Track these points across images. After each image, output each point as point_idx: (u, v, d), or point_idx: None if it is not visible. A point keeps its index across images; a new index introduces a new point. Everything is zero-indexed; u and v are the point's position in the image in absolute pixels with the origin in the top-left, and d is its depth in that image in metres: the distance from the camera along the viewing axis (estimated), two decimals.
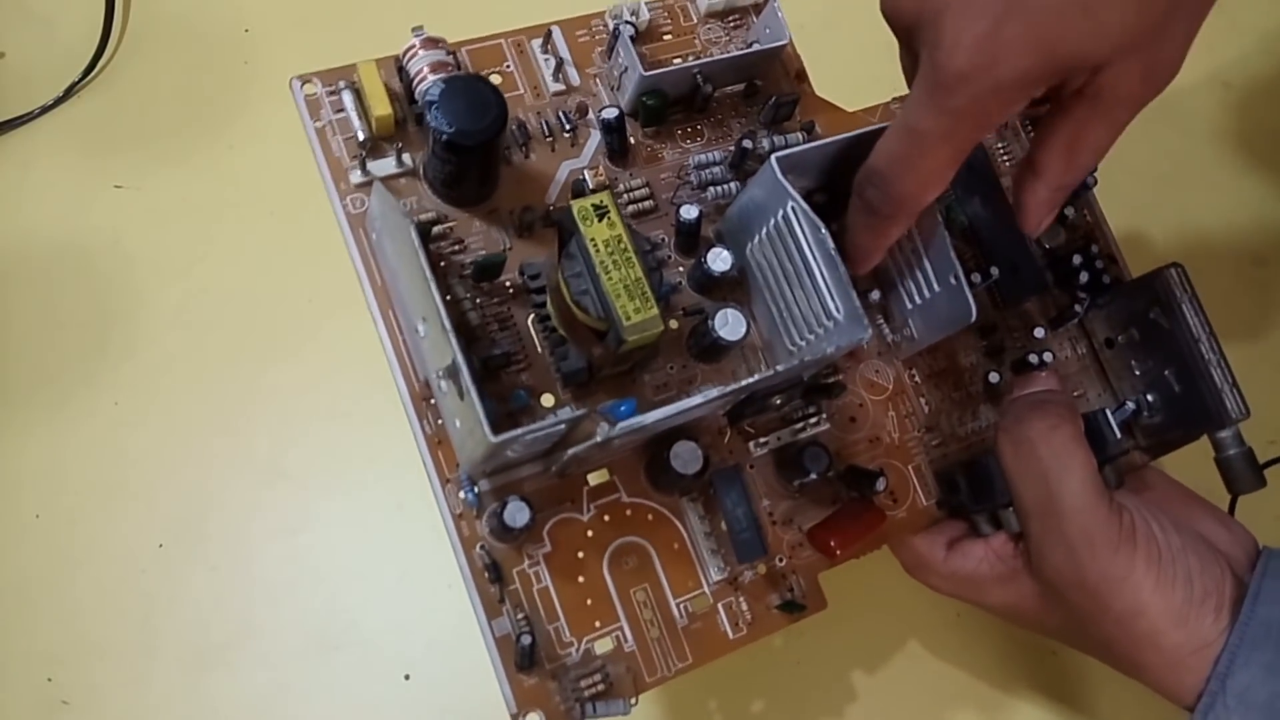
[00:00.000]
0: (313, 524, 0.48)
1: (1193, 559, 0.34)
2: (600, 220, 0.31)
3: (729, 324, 0.34)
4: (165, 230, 0.52)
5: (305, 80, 0.35)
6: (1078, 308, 0.40)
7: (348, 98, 0.35)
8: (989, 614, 0.39)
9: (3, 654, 0.44)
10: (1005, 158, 0.43)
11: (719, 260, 0.35)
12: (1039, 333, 0.40)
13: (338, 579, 0.47)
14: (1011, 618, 0.38)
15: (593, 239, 0.31)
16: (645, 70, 0.36)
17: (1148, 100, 0.31)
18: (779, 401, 0.34)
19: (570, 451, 0.30)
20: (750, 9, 0.40)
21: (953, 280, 0.34)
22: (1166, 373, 0.38)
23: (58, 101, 0.53)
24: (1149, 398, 0.39)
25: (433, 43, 0.34)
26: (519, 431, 0.28)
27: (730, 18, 0.40)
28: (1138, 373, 0.40)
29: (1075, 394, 0.41)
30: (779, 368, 0.31)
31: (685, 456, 0.33)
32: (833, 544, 0.35)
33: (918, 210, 0.33)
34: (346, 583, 0.47)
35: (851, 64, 0.44)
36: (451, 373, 0.29)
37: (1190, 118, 0.59)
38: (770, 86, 0.40)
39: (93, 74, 0.54)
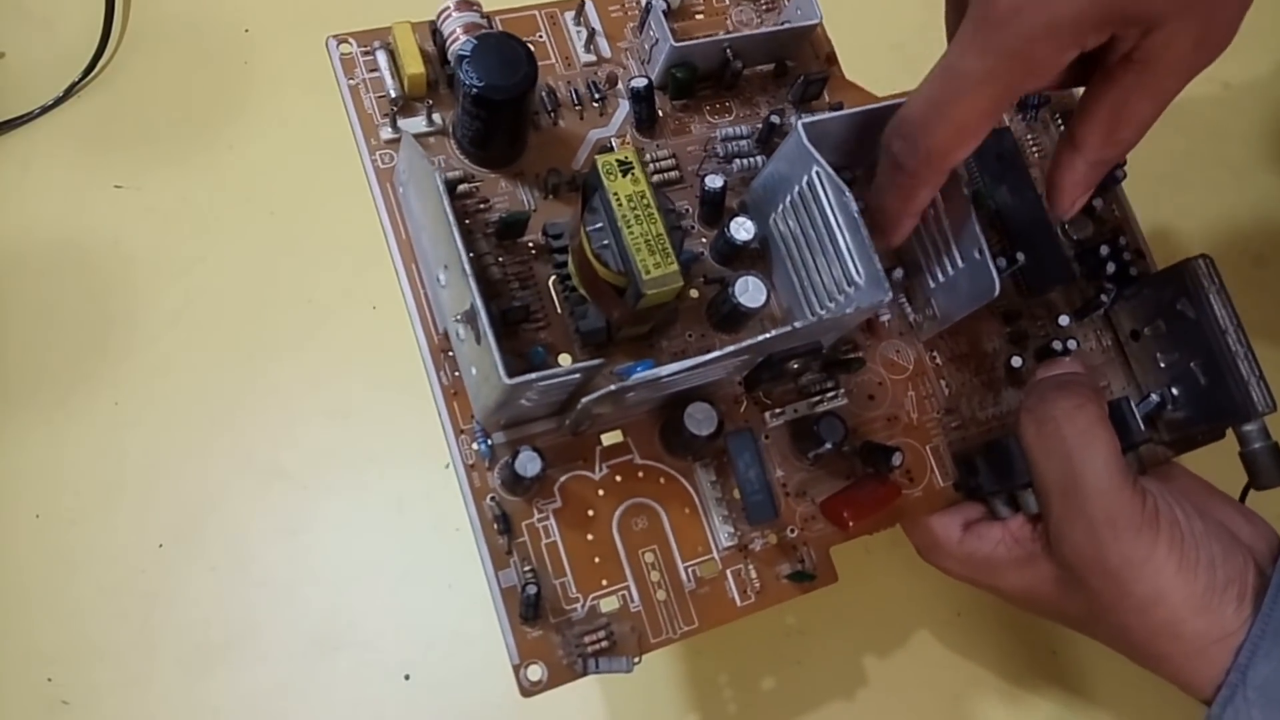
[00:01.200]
0: (313, 524, 0.48)
1: (1216, 545, 0.33)
2: (624, 175, 0.31)
3: (749, 291, 0.34)
4: (165, 230, 0.52)
5: (341, 40, 0.36)
6: (1104, 298, 0.40)
7: (382, 57, 0.36)
8: (1002, 600, 0.38)
9: (3, 654, 0.44)
10: (1035, 150, 0.42)
11: (742, 230, 0.35)
12: (1064, 320, 0.40)
13: (338, 579, 0.47)
14: (1026, 604, 0.37)
15: (616, 193, 0.31)
16: (675, 41, 0.36)
17: (1199, 69, 0.30)
18: (796, 366, 0.34)
19: (585, 400, 0.30)
20: None
21: (977, 254, 0.34)
22: (1192, 364, 0.38)
23: (58, 101, 0.53)
24: (1174, 391, 0.39)
25: (467, 5, 0.35)
26: (533, 376, 0.28)
27: (763, 0, 0.41)
28: (1163, 365, 0.39)
29: (1099, 385, 0.40)
30: (796, 324, 0.30)
31: (700, 417, 0.33)
32: (846, 515, 0.34)
33: (948, 167, 0.31)
34: (346, 583, 0.47)
35: (860, 64, 0.43)
36: (470, 317, 0.29)
37: (1190, 117, 0.59)
38: (800, 67, 0.40)
39: (93, 74, 0.54)
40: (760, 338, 0.30)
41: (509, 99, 0.32)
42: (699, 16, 0.40)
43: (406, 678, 0.45)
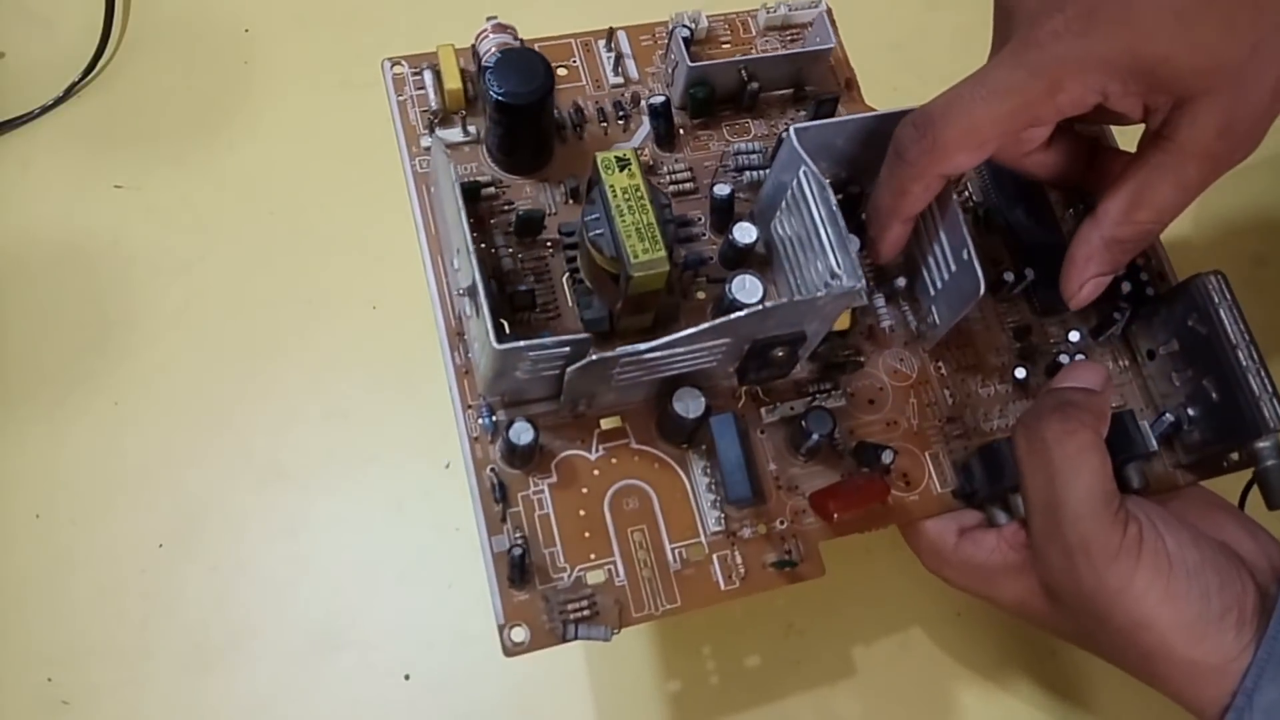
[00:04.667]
0: (312, 524, 0.48)
1: (1210, 575, 0.33)
2: (621, 170, 0.33)
3: (746, 288, 0.35)
4: (165, 230, 0.52)
5: (395, 62, 0.39)
6: (1117, 316, 0.39)
7: (428, 76, 0.39)
8: (1001, 612, 0.38)
9: (3, 654, 0.44)
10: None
11: (743, 233, 0.36)
12: (1074, 335, 0.40)
13: (338, 579, 0.47)
14: (1023, 615, 0.37)
15: (612, 186, 0.33)
16: (691, 62, 0.38)
17: (1222, 161, 0.32)
18: (781, 354, 0.34)
19: (570, 370, 0.32)
20: (810, 24, 0.42)
21: (965, 256, 0.34)
22: (1205, 381, 0.37)
23: (58, 101, 0.53)
24: (1190, 411, 0.38)
25: (502, 28, 0.38)
26: (521, 344, 0.30)
27: (788, 31, 0.42)
28: (1178, 384, 0.39)
29: (1113, 406, 0.39)
30: (768, 303, 0.32)
31: (688, 400, 0.34)
32: (831, 507, 0.35)
33: (945, 170, 0.33)
34: (346, 583, 0.47)
35: (859, 65, 0.44)
36: (471, 291, 0.31)
37: None
38: (817, 91, 0.41)
39: (93, 74, 0.54)
40: (733, 316, 0.31)
41: (527, 105, 0.35)
42: (725, 45, 0.42)
43: (406, 678, 0.45)
